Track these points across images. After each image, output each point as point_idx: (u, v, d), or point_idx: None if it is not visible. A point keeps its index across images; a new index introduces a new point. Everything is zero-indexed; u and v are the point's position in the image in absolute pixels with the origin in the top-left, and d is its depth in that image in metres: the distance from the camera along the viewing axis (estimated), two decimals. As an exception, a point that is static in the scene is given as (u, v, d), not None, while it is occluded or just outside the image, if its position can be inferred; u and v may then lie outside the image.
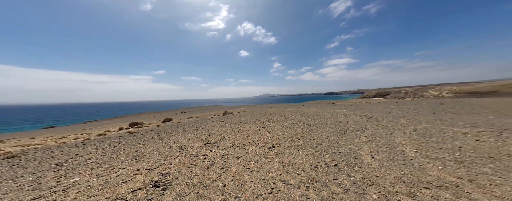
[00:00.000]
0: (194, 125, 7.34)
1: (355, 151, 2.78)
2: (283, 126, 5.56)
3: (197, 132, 5.48)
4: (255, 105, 26.21)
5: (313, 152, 2.84)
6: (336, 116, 7.16)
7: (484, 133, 3.49)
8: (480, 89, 24.06)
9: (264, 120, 7.49)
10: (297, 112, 10.11)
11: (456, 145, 2.77)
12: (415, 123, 4.82)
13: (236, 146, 3.51)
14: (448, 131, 3.74)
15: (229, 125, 6.41)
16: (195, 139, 4.39)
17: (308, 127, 5.14)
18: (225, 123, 7.03)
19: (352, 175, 1.90)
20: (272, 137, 4.12)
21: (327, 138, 3.68)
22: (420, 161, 2.18)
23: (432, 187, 1.52)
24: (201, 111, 22.17)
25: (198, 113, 17.76)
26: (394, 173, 1.86)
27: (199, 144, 3.82)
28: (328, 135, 4.01)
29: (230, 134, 4.72)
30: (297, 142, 3.50)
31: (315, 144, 3.30)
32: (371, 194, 1.49)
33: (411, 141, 3.12)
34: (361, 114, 7.69)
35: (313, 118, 6.98)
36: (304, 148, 3.10)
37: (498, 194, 1.36)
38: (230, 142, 3.87)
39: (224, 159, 2.74)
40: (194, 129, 6.03)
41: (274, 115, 9.15)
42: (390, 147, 2.87)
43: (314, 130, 4.65)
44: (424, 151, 2.58)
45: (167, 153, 3.33)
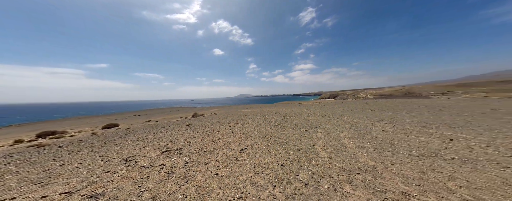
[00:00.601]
0: (151, 130, 6.20)
1: (313, 146, 3.24)
2: (256, 127, 5.69)
3: (154, 138, 4.66)
4: (230, 106, 25.37)
5: (280, 150, 3.07)
6: (301, 115, 8.10)
7: (387, 124, 4.99)
8: (385, 93, 34.63)
9: (239, 121, 7.39)
10: (269, 112, 10.64)
11: (373, 135, 3.81)
12: (352, 119, 6.25)
13: (204, 151, 3.26)
14: (369, 125, 5.09)
15: (197, 128, 5.86)
16: (150, 147, 3.72)
17: (278, 127, 5.51)
18: (193, 126, 6.38)
19: (310, 169, 2.21)
20: (245, 138, 4.12)
21: (293, 136, 4.09)
22: (354, 150, 2.84)
23: (361, 171, 2.01)
24: (163, 114, 19.06)
25: (159, 116, 15.19)
26: (339, 163, 2.32)
27: (155, 153, 3.27)
28: (294, 133, 4.46)
29: (198, 138, 4.33)
30: (268, 142, 3.68)
31: (282, 142, 3.58)
32: (323, 185, 1.78)
33: (349, 134, 4.01)
34: (319, 112, 9.12)
35: (282, 118, 7.56)
36: (273, 147, 3.30)
37: (394, 171, 1.99)
38: (197, 147, 3.55)
39: (187, 167, 2.48)
40: (150, 135, 5.10)
41: (249, 115, 9.23)
42: (336, 140, 3.56)
43: (283, 129, 5.06)
44: (357, 142, 3.38)
45: (102, 168, 2.64)
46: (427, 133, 3.77)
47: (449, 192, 1.47)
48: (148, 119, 12.25)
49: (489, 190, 1.50)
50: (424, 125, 4.64)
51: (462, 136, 3.43)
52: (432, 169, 1.97)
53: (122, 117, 18.05)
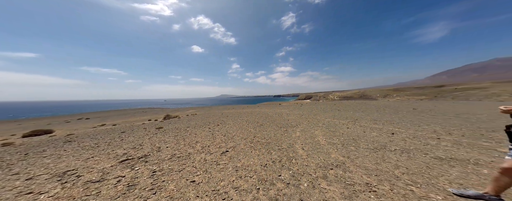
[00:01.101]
0: (105, 136, 5.16)
1: (293, 145, 3.41)
2: (239, 128, 5.54)
3: (110, 145, 3.90)
4: (210, 107, 23.86)
5: (263, 151, 3.09)
6: (281, 115, 8.44)
7: (349, 122, 5.84)
8: (347, 95, 40.77)
9: (220, 122, 7.00)
10: (252, 112, 10.60)
11: (341, 132, 4.37)
12: (323, 118, 6.98)
13: (178, 156, 2.93)
14: (337, 123, 5.82)
15: (170, 132, 5.23)
16: (103, 157, 3.09)
17: (260, 127, 5.54)
18: (165, 130, 5.65)
19: (291, 168, 2.31)
20: (226, 140, 3.94)
21: (274, 136, 4.19)
22: (327, 147, 3.16)
23: (333, 167, 2.25)
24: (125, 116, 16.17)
25: (119, 119, 12.83)
26: (315, 160, 2.52)
27: (110, 163, 2.73)
28: (275, 133, 4.59)
29: (171, 143, 3.86)
30: (251, 143, 3.63)
31: (265, 143, 3.62)
32: (303, 183, 1.89)
33: (322, 132, 4.45)
34: (297, 112, 9.75)
35: (264, 118, 7.67)
36: (256, 148, 3.28)
37: (358, 164, 2.32)
38: (169, 153, 3.15)
39: (156, 177, 2.17)
40: (103, 143, 4.23)
41: (231, 116, 8.90)
42: (312, 138, 3.87)
43: (265, 129, 5.12)
44: (328, 139, 3.78)
45: (19, 189, 2.02)
46: (377, 129, 4.60)
47: (396, 179, 1.82)
48: (102, 123, 10.12)
49: (420, 174, 1.95)
50: (375, 122, 5.67)
51: (399, 130, 4.36)
52: (383, 160, 2.40)
53: (60, 120, 14.32)
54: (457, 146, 2.99)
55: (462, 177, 1.82)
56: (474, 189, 1.42)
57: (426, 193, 1.49)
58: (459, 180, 1.74)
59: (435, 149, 2.81)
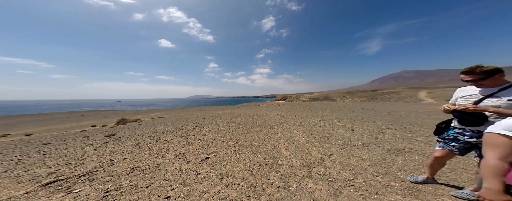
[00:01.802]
0: (10, 151, 3.74)
1: (276, 146, 3.45)
2: (219, 130, 5.14)
3: (19, 164, 2.91)
4: (182, 108, 21.21)
5: (248, 154, 2.96)
6: (262, 116, 8.48)
7: (320, 121, 6.54)
8: (315, 97, 46.25)
9: (196, 125, 6.31)
10: (232, 114, 10.14)
11: (315, 131, 4.80)
12: (299, 118, 7.52)
13: (142, 169, 2.43)
14: (311, 122, 6.40)
15: (128, 140, 4.30)
16: (7, 182, 2.23)
17: (243, 129, 5.35)
18: (120, 138, 4.61)
19: (278, 171, 2.30)
20: (205, 145, 3.55)
21: (258, 137, 4.12)
22: (306, 146, 3.37)
23: (315, 165, 2.39)
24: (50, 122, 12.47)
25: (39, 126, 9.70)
26: (298, 160, 2.62)
27: (24, 189, 1.99)
28: (258, 134, 4.53)
29: (130, 154, 3.17)
30: (234, 147, 3.42)
31: (249, 145, 3.49)
32: (292, 184, 1.90)
33: (300, 131, 4.75)
34: (276, 113, 10.07)
35: (246, 119, 7.48)
36: (241, 152, 3.11)
37: (335, 160, 2.57)
38: (128, 165, 2.58)
39: (111, 198, 1.71)
40: (9, 161, 3.04)
41: (209, 118, 8.19)
42: (292, 138, 4.06)
43: (248, 131, 4.97)
44: (306, 137, 4.06)
45: None
46: (341, 126, 5.35)
47: (365, 172, 2.11)
48: (6, 132, 7.37)
49: (379, 164, 2.34)
50: (339, 120, 6.59)
51: (357, 127, 5.21)
52: (352, 155, 2.76)
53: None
54: (394, 138, 3.82)
55: (404, 164, 2.32)
56: (421, 175, 1.82)
57: (388, 182, 1.80)
58: (404, 167, 2.20)
59: (383, 142, 3.49)
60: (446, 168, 2.03)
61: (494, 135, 0.78)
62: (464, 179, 1.80)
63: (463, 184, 1.66)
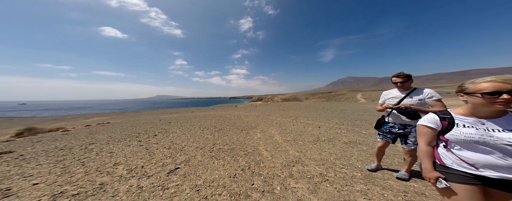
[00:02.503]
0: None
1: (257, 147, 3.40)
2: (191, 135, 4.53)
3: None
4: (137, 111, 17.29)
5: (228, 159, 2.74)
6: (240, 118, 8.20)
7: (293, 120, 7.09)
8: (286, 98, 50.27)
9: (158, 131, 5.34)
10: (206, 116, 9.23)
11: (289, 129, 5.13)
12: (275, 118, 7.84)
13: (73, 194, 1.81)
14: (285, 121, 6.79)
15: (39, 158, 3.11)
16: None
17: (219, 132, 4.95)
18: (21, 156, 3.24)
19: (261, 174, 2.24)
20: (173, 154, 3.04)
21: (237, 140, 3.92)
22: (284, 145, 3.51)
23: (294, 163, 2.51)
24: None
25: None
26: (279, 160, 2.67)
27: None
28: (237, 136, 4.32)
29: (45, 176, 2.33)
30: (211, 152, 3.09)
31: (228, 149, 3.26)
32: (276, 187, 1.89)
33: (277, 131, 4.93)
34: (253, 114, 10.05)
35: (223, 121, 7.00)
36: (219, 157, 2.84)
37: (309, 157, 2.79)
38: (40, 193, 1.86)
39: None
40: None
41: (176, 122, 7.11)
42: (271, 138, 4.14)
43: (226, 134, 4.65)
44: (283, 137, 4.25)
45: None
46: (310, 124, 6.00)
47: (334, 165, 2.40)
48: None
49: (342, 157, 2.74)
50: (307, 119, 7.38)
51: (322, 124, 6.00)
52: (322, 150, 3.10)
53: None
54: (348, 132, 4.65)
55: (359, 154, 2.82)
56: (373, 164, 2.24)
57: (352, 173, 2.11)
58: (359, 157, 2.68)
59: (341, 136, 4.16)
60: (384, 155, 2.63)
61: (422, 126, 1.01)
62: (396, 162, 2.39)
63: (397, 167, 2.19)
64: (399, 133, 1.77)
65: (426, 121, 1.00)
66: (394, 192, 1.62)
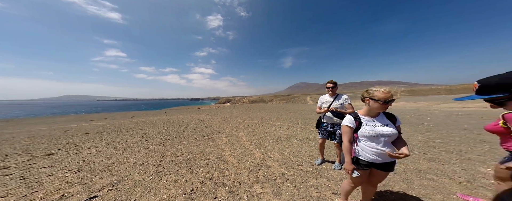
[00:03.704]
0: None
1: (222, 154, 3.13)
2: (125, 149, 3.46)
3: None
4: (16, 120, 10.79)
5: (183, 172, 2.32)
6: (202, 121, 7.32)
7: (259, 122, 7.35)
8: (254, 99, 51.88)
9: (60, 147, 3.69)
10: (155, 122, 7.44)
11: (256, 131, 5.24)
12: (242, 120, 7.75)
13: None
14: (252, 123, 6.90)
15: None
16: None
17: (173, 140, 4.12)
18: None
19: (226, 183, 2.06)
20: (87, 177, 2.23)
21: (197, 148, 3.43)
22: (251, 148, 3.49)
23: (260, 167, 2.53)
24: None
25: None
26: (245, 165, 2.60)
27: None
28: (197, 143, 3.79)
29: None
30: (157, 167, 2.49)
31: (184, 160, 2.76)
32: (242, 196, 1.79)
33: (244, 134, 4.86)
34: (220, 117, 9.34)
35: (178, 127, 5.92)
36: (170, 171, 2.33)
37: (273, 158, 2.92)
38: None
39: None
40: None
41: (101, 132, 5.25)
42: (238, 142, 3.99)
43: (181, 142, 3.94)
44: (250, 139, 4.24)
45: None
46: (274, 125, 6.46)
47: (292, 163, 2.64)
48: None
49: (298, 154, 3.11)
50: (272, 120, 7.93)
51: (283, 124, 6.64)
52: (283, 150, 3.37)
53: None
54: (302, 130, 5.44)
55: (310, 150, 3.33)
56: (319, 158, 2.69)
57: (306, 168, 2.43)
58: (310, 153, 3.15)
59: (297, 134, 4.77)
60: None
61: (344, 125, 1.28)
62: (332, 154, 3.04)
63: (333, 159, 2.79)
64: (330, 131, 2.23)
65: (347, 121, 1.26)
66: (335, 182, 2.01)
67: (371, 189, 1.37)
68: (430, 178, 1.96)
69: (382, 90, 1.12)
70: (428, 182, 1.88)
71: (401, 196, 1.63)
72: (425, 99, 17.40)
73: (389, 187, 1.79)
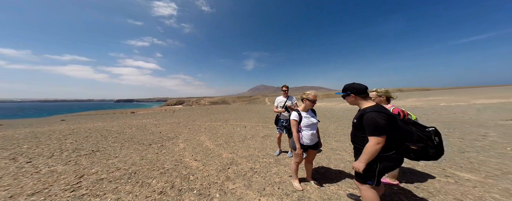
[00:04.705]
0: None
1: (181, 160, 2.80)
2: None
3: None
4: None
5: (128, 188, 1.90)
6: (144, 128, 5.78)
7: (223, 123, 7.17)
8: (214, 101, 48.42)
9: None
10: (42, 134, 4.85)
11: (221, 133, 5.10)
12: (203, 123, 7.09)
13: None
14: (215, 125, 6.57)
15: None
16: None
17: (93, 155, 3.04)
18: None
19: (193, 188, 1.93)
20: None
21: (143, 159, 2.80)
22: (217, 149, 3.40)
23: (229, 165, 2.59)
24: None
25: None
26: (213, 166, 2.54)
27: None
28: (142, 154, 3.06)
29: None
30: (74, 191, 1.86)
31: (124, 175, 2.21)
32: (214, 194, 1.79)
33: (207, 137, 4.56)
34: (171, 121, 7.78)
35: (102, 138, 4.33)
36: (102, 191, 1.86)
37: (240, 155, 3.07)
38: None
39: None
40: None
41: None
42: (200, 145, 3.70)
43: (112, 155, 3.00)
44: (214, 141, 4.07)
45: None
46: (239, 125, 6.62)
47: (258, 157, 2.97)
48: None
49: (262, 149, 3.51)
50: (236, 120, 8.02)
51: (247, 124, 6.96)
52: (249, 147, 3.62)
53: None
54: (263, 128, 6.08)
55: (270, 144, 3.85)
56: (277, 150, 3.21)
57: (269, 160, 2.82)
58: (271, 146, 3.66)
59: (260, 132, 5.28)
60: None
61: (292, 119, 1.77)
62: (287, 146, 3.76)
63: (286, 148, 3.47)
64: (286, 126, 2.84)
65: (293, 116, 1.74)
66: (289, 167, 2.56)
67: (309, 165, 1.96)
68: (338, 153, 3.08)
69: (312, 94, 1.70)
70: (337, 156, 2.95)
71: (326, 169, 2.44)
72: (335, 100, 25.56)
73: (319, 164, 2.61)
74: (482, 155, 2.54)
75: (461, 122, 5.11)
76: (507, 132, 3.65)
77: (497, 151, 2.64)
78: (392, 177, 1.85)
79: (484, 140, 3.25)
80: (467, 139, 3.35)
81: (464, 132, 3.93)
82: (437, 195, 1.64)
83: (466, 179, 1.89)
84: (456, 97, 13.68)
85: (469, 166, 2.19)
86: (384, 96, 1.76)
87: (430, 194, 1.66)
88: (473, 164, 2.24)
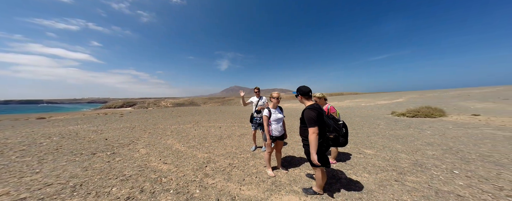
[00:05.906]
0: None
1: (146, 165, 2.50)
2: None
3: None
4: None
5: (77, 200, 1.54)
6: (76, 136, 4.43)
7: (194, 125, 6.64)
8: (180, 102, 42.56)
9: None
10: None
11: (192, 135, 4.76)
12: (168, 126, 6.26)
13: None
14: (185, 128, 6.00)
15: None
16: None
17: None
18: None
19: (168, 188, 1.84)
20: None
21: (86, 170, 2.30)
22: (190, 151, 3.23)
23: (206, 163, 2.58)
24: None
25: None
26: (188, 167, 2.45)
27: None
28: (83, 164, 2.48)
29: None
30: None
31: (65, 189, 1.85)
32: (194, 191, 1.79)
33: (176, 140, 4.15)
34: (120, 126, 6.28)
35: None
36: None
37: (218, 154, 3.09)
38: None
39: None
40: None
41: None
42: (169, 149, 3.36)
43: (28, 172, 2.35)
44: (186, 143, 3.79)
45: None
46: (213, 126, 6.37)
47: (236, 154, 3.11)
48: None
49: (239, 147, 3.66)
50: (209, 122, 7.63)
51: (222, 125, 6.82)
52: (226, 146, 3.68)
53: None
54: (239, 127, 6.22)
55: (247, 141, 4.07)
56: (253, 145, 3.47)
57: (246, 155, 3.03)
58: (247, 143, 3.88)
59: (236, 131, 5.38)
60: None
61: (264, 115, 2.16)
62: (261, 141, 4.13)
63: (261, 144, 3.83)
64: (260, 123, 3.20)
65: (265, 112, 2.11)
66: (263, 160, 2.88)
67: (279, 155, 2.36)
68: (300, 144, 3.76)
69: (276, 93, 2.16)
70: (299, 146, 3.62)
71: (291, 157, 2.96)
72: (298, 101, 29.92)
73: (287, 153, 3.13)
74: (376, 137, 3.97)
75: (368, 116, 7.56)
76: (389, 122, 5.88)
77: (382, 134, 4.22)
78: (333, 158, 2.57)
79: (377, 127, 5.07)
80: (371, 127, 5.08)
81: (369, 122, 5.94)
82: (355, 166, 2.47)
83: (368, 154, 2.94)
84: (370, 99, 19.70)
85: (370, 145, 3.40)
86: (323, 98, 2.33)
87: (351, 166, 2.47)
88: (372, 143, 3.48)
